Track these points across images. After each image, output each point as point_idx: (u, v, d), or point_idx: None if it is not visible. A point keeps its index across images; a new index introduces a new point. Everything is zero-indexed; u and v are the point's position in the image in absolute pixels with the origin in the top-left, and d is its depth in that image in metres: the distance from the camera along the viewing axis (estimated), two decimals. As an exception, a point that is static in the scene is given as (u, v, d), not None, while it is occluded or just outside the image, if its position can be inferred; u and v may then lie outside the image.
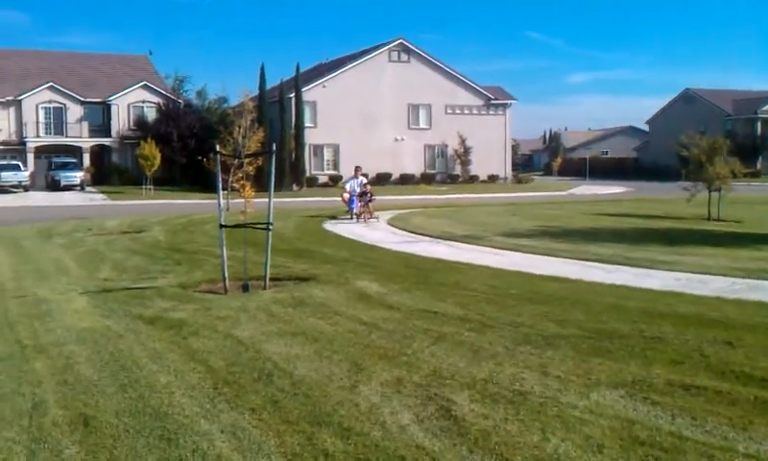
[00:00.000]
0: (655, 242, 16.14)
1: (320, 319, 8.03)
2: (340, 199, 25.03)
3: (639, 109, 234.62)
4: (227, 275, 10.06)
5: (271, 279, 10.34)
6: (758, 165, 74.62)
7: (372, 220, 22.23)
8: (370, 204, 23.19)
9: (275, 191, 10.81)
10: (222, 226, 10.35)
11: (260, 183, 19.93)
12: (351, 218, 22.94)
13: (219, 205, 10.65)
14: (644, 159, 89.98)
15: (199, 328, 7.69)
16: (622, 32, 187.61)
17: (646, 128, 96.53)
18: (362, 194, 23.40)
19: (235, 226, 11.66)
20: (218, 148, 11.32)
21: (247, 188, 19.25)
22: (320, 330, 7.46)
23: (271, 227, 10.28)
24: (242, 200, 18.08)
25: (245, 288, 9.99)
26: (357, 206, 23.12)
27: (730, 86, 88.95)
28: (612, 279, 10.79)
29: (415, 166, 56.07)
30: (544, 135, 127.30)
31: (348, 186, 24.40)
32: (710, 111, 79.71)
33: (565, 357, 6.28)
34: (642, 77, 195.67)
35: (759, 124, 79.92)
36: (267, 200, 10.41)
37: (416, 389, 5.54)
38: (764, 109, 79.89)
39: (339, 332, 7.37)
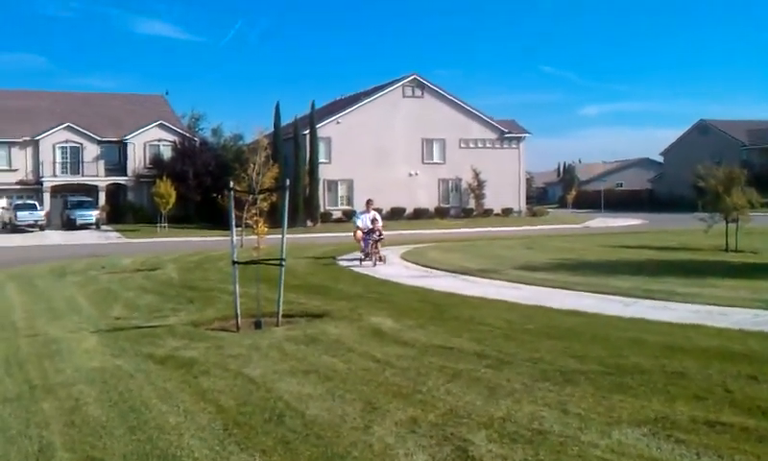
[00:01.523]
0: (673, 274, 15.91)
1: (333, 356, 7.89)
2: (353, 236, 21.86)
3: (654, 140, 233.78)
4: (239, 312, 9.95)
5: (284, 316, 10.24)
6: (775, 195, 73.88)
7: (380, 263, 19.42)
8: (379, 243, 20.30)
9: (288, 227, 10.75)
10: (234, 262, 10.26)
11: (274, 220, 19.88)
12: (367, 258, 20.09)
13: (232, 241, 10.58)
14: (659, 191, 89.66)
15: (210, 367, 7.57)
16: (634, 64, 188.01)
17: (661, 159, 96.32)
18: (370, 231, 20.38)
19: (248, 262, 11.59)
20: (232, 184, 11.29)
21: (260, 224, 19.21)
22: (333, 368, 7.32)
23: (284, 263, 10.20)
24: (256, 236, 18.01)
25: (257, 325, 9.88)
26: (369, 244, 20.40)
27: (744, 117, 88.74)
28: (630, 313, 10.59)
29: (429, 200, 56.02)
30: (558, 168, 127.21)
31: (359, 222, 21.34)
32: (725, 142, 79.43)
33: (585, 394, 6.11)
34: (656, 108, 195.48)
35: (775, 154, 79.47)
36: (280, 236, 10.33)
37: (431, 428, 5.37)
38: (780, 138, 79.51)
39: (352, 370, 7.23)
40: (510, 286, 14.33)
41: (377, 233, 20.34)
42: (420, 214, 54.41)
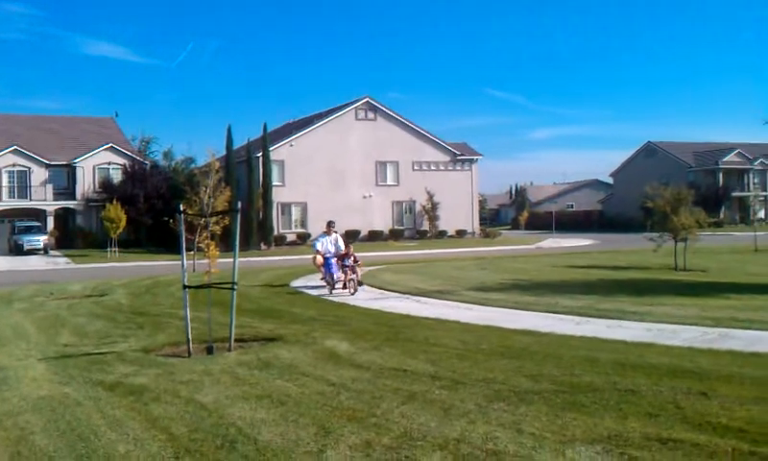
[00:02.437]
0: (624, 293, 16.14)
1: (286, 381, 7.79)
2: (312, 262, 20.02)
3: (604, 162, 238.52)
4: (190, 337, 9.78)
5: (236, 341, 10.10)
6: (721, 215, 75.88)
7: (359, 288, 17.73)
8: (356, 268, 18.23)
9: (241, 250, 10.65)
10: (185, 287, 10.11)
11: (227, 243, 19.73)
12: (332, 287, 18.16)
13: (183, 265, 10.41)
14: (609, 212, 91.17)
15: (161, 394, 7.41)
16: (583, 88, 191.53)
17: (610, 181, 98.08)
18: (342, 256, 18.40)
19: (199, 286, 11.42)
20: (182, 207, 11.14)
21: (211, 248, 19.03)
22: (286, 393, 7.22)
23: (236, 286, 10.07)
24: (207, 260, 17.86)
25: (209, 350, 9.72)
26: (337, 271, 18.39)
27: (690, 139, 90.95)
28: (583, 332, 10.71)
29: (383, 223, 56.13)
30: (510, 190, 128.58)
31: (319, 246, 19.14)
32: (673, 163, 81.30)
33: (539, 413, 6.12)
34: (605, 131, 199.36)
35: (721, 175, 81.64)
36: (233, 260, 10.21)
37: (385, 452, 5.32)
38: (725, 160, 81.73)
39: (306, 394, 7.14)
40: (464, 307, 14.38)
41: (352, 258, 18.13)
42: (374, 236, 54.46)
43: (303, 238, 52.11)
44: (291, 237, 52.27)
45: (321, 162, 53.56)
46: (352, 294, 17.18)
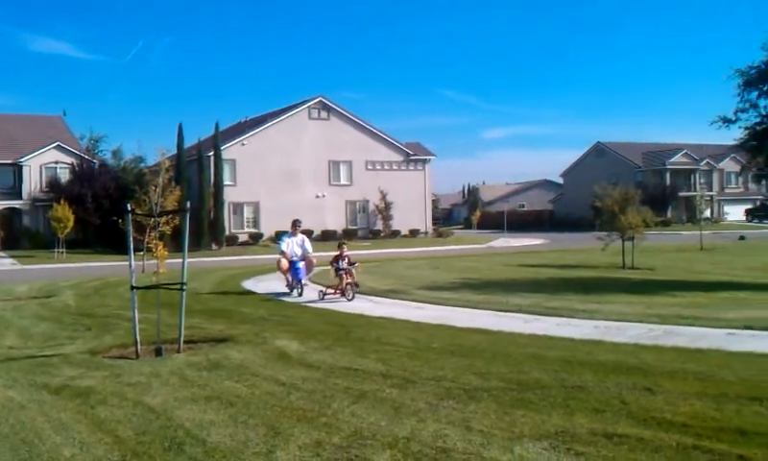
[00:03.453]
0: (572, 291, 16.39)
1: (236, 382, 7.72)
2: (276, 266, 18.39)
3: (555, 162, 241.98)
4: (138, 339, 9.64)
5: (185, 342, 9.98)
6: (668, 214, 77.52)
7: (350, 295, 15.82)
8: (353, 271, 16.46)
9: (192, 251, 10.54)
10: (133, 287, 9.96)
11: (177, 243, 19.48)
12: (297, 293, 16.85)
13: (131, 265, 10.25)
14: (560, 211, 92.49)
15: (107, 396, 7.28)
16: (535, 88, 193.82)
17: (561, 180, 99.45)
18: (335, 259, 16.51)
19: (148, 287, 11.26)
20: (129, 207, 10.97)
21: (160, 248, 18.77)
22: (235, 394, 7.16)
23: (185, 287, 9.96)
24: (157, 261, 17.59)
25: (158, 352, 9.58)
26: (305, 274, 17.24)
27: (640, 139, 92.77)
28: (532, 330, 10.85)
29: (337, 222, 56.05)
30: (463, 190, 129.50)
31: (284, 247, 17.66)
32: (622, 163, 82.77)
33: (488, 411, 6.17)
34: (556, 131, 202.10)
35: (668, 175, 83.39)
36: (186, 260, 10.09)
37: (335, 451, 5.31)
38: (672, 160, 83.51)
39: (256, 395, 7.08)
40: (416, 306, 14.45)
41: (346, 260, 16.36)
42: (328, 236, 54.26)
43: (256, 238, 51.81)
44: (243, 237, 51.91)
45: (273, 162, 53.27)
46: (350, 300, 15.46)
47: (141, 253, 24.13)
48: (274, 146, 53.61)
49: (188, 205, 10.95)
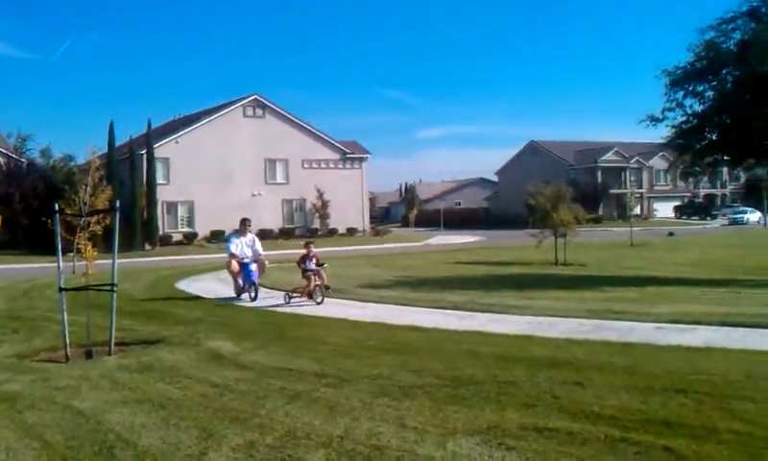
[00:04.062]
0: (506, 287, 16.62)
1: (168, 384, 7.60)
2: (227, 268, 17.04)
3: (490, 160, 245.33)
4: (68, 341, 9.41)
5: (117, 344, 9.78)
6: (600, 211, 79.30)
7: (319, 298, 14.65)
8: (323, 271, 15.22)
9: (125, 251, 10.38)
10: (62, 289, 9.72)
11: (109, 244, 19.09)
12: (251, 297, 15.67)
13: (59, 267, 10.00)
14: (495, 209, 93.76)
15: (35, 401, 7.08)
16: (470, 88, 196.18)
17: (496, 179, 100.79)
18: (302, 259, 15.34)
19: (77, 288, 10.99)
20: (57, 207, 10.69)
21: (88, 249, 18.33)
22: (167, 396, 7.04)
23: (115, 288, 9.76)
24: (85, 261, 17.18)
25: (88, 355, 9.37)
26: (256, 275, 16.07)
27: (572, 138, 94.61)
28: (466, 326, 10.95)
29: (273, 221, 55.63)
30: (400, 188, 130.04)
31: (234, 248, 16.43)
32: (555, 162, 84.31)
33: (422, 407, 6.21)
34: (492, 130, 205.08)
35: (600, 173, 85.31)
36: (116, 260, 9.89)
37: (269, 452, 5.28)
38: (603, 158, 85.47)
39: (188, 397, 6.99)
40: (352, 305, 14.44)
41: (314, 260, 15.25)
42: (264, 235, 53.63)
43: (190, 238, 51.09)
44: (177, 237, 51.12)
45: (208, 160, 52.57)
46: (320, 303, 14.37)
47: (71, 254, 23.55)
48: (208, 144, 52.91)
49: (117, 203, 10.70)
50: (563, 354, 8.37)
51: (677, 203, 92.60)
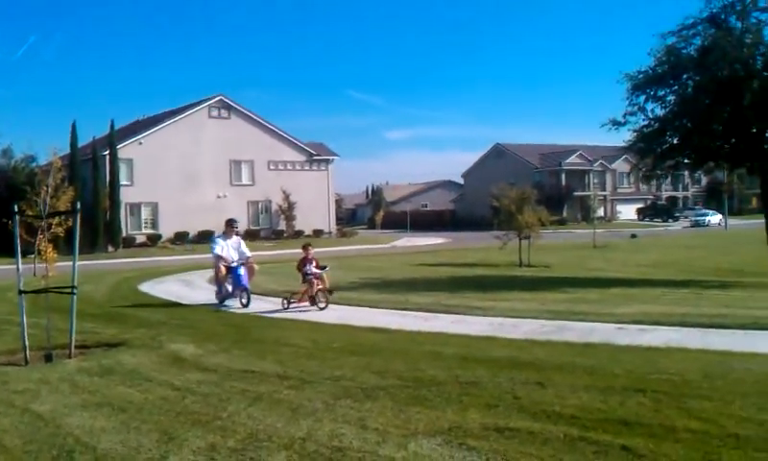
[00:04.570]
0: (471, 289, 16.70)
1: (129, 387, 7.52)
2: (216, 274, 15.84)
3: (456, 163, 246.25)
4: (27, 344, 9.26)
5: (77, 347, 9.65)
6: (564, 213, 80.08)
7: (322, 303, 13.93)
8: (324, 275, 14.55)
9: (88, 253, 10.31)
10: (21, 291, 9.57)
11: (71, 246, 18.83)
12: (242, 303, 14.67)
13: (18, 269, 9.86)
14: (461, 211, 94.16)
15: (-7, 405, 6.98)
16: (436, 90, 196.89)
17: (462, 181, 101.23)
18: (303, 262, 14.61)
19: (37, 291, 10.84)
20: (17, 208, 10.55)
21: (49, 250, 18.08)
22: (128, 399, 6.97)
23: (75, 290, 9.64)
24: (46, 263, 16.91)
25: (48, 358, 9.24)
26: (246, 279, 15.05)
27: (537, 141, 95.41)
28: (430, 327, 11.00)
29: (239, 223, 55.26)
30: (367, 190, 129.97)
31: (219, 250, 15.40)
32: (520, 164, 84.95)
33: (384, 408, 6.22)
34: (458, 133, 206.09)
35: (564, 175, 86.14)
36: (76, 262, 9.76)
37: (230, 454, 5.25)
38: (568, 161, 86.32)
39: (149, 400, 6.92)
40: (313, 307, 14.38)
41: (314, 263, 14.59)
42: (229, 237, 53.55)
43: (154, 240, 50.60)
44: (141, 239, 50.57)
45: (172, 161, 52.10)
46: (323, 308, 13.67)
47: (32, 256, 23.19)
48: (172, 145, 52.43)
49: (78, 205, 10.56)
50: (524, 355, 8.45)
51: (640, 205, 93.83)
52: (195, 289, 18.94)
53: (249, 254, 15.73)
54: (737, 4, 19.10)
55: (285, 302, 14.22)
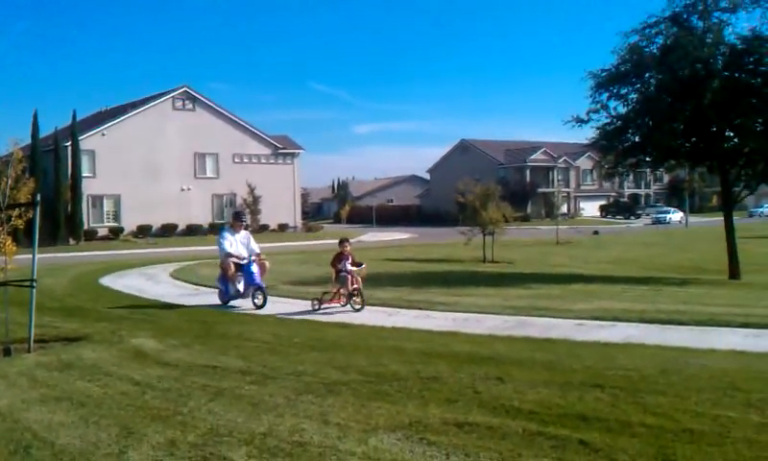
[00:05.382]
0: (435, 284, 16.78)
1: (88, 382, 7.44)
2: (226, 269, 14.05)
3: (422, 158, 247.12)
4: (-16, 339, 9.14)
5: (37, 341, 9.52)
6: (528, 209, 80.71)
7: (358, 304, 12.68)
8: (361, 272, 13.31)
9: (48, 246, 10.17)
10: (-22, 285, 9.43)
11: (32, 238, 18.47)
12: (257, 304, 13.40)
13: (-26, 262, 9.72)
14: (427, 206, 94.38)
15: (-51, 401, 6.87)
16: (403, 85, 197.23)
17: (428, 176, 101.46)
18: (338, 258, 13.29)
19: (-5, 284, 10.66)
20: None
21: (8, 243, 17.70)
22: (87, 394, 6.91)
23: (35, 284, 9.51)
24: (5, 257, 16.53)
25: (6, 352, 9.11)
26: (259, 277, 13.83)
27: (503, 137, 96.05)
28: (393, 322, 11.06)
29: (203, 216, 54.92)
30: (333, 184, 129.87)
31: (228, 246, 14.02)
32: (485, 160, 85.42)
33: (346, 403, 6.24)
34: (425, 128, 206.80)
35: (529, 172, 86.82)
36: (36, 256, 9.62)
37: (190, 449, 5.23)
38: (532, 157, 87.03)
39: (109, 395, 6.86)
40: (280, 301, 14.38)
41: (350, 259, 13.31)
42: (194, 230, 53.14)
43: (116, 233, 50.02)
44: (103, 232, 49.96)
45: (135, 153, 51.50)
46: (358, 310, 12.48)
47: (-10, 248, 22.80)
48: (136, 137, 51.81)
49: (39, 197, 10.43)
50: (485, 350, 8.53)
51: (602, 202, 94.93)
52: (158, 283, 18.76)
53: (258, 250, 14.47)
54: (699, 3, 19.38)
55: (316, 303, 12.97)
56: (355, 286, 12.81)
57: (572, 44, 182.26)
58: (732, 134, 20.27)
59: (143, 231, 50.74)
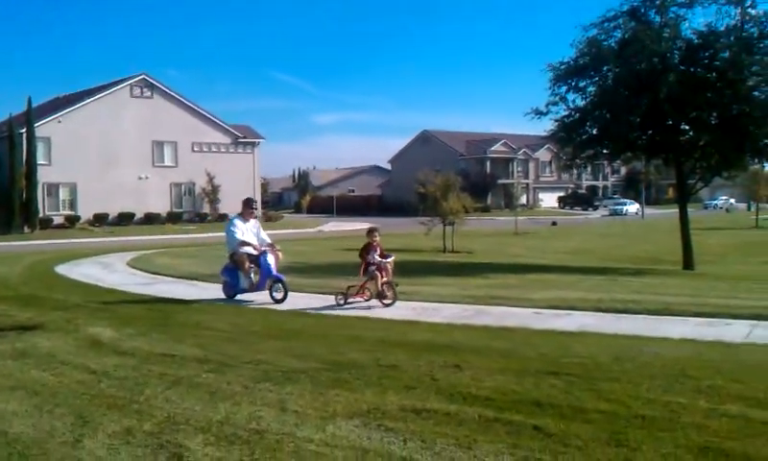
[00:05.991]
0: (395, 274, 16.80)
1: (43, 371, 7.34)
2: (238, 260, 12.91)
3: (384, 149, 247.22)
4: (-65, 328, 8.96)
5: (-10, 330, 9.38)
6: (488, 200, 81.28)
7: (388, 300, 11.82)
8: (389, 264, 12.38)
9: (2, 234, 9.95)
10: (-72, 273, 9.24)
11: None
12: (277, 298, 12.31)
13: (-75, 249, 9.51)
14: (388, 197, 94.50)
15: None
16: (366, 76, 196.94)
17: (389, 167, 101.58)
18: (368, 248, 12.45)
19: (-55, 273, 10.48)
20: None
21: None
22: (42, 383, 6.82)
23: (-13, 272, 9.36)
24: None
25: (-42, 341, 8.95)
26: (274, 265, 12.80)
27: (463, 128, 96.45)
28: (352, 312, 11.07)
29: (161, 205, 54.29)
30: (294, 174, 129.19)
31: (239, 234, 13.00)
32: (446, 151, 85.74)
33: (304, 391, 6.26)
34: (386, 119, 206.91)
35: (489, 163, 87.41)
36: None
37: (146, 438, 5.20)
38: (492, 149, 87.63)
39: (64, 384, 6.78)
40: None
41: (378, 251, 12.53)
42: (151, 219, 52.54)
43: (72, 221, 49.23)
44: (59, 220, 49.14)
45: (92, 140, 50.70)
46: (389, 305, 11.65)
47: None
48: (93, 124, 50.99)
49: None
50: (444, 339, 8.61)
51: (561, 193, 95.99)
52: (114, 272, 18.54)
53: (268, 240, 13.60)
54: (657, -2, 19.67)
55: (341, 297, 12.01)
56: (385, 279, 12.00)
57: (534, 37, 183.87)
58: (687, 128, 20.65)
59: (100, 220, 50.02)
